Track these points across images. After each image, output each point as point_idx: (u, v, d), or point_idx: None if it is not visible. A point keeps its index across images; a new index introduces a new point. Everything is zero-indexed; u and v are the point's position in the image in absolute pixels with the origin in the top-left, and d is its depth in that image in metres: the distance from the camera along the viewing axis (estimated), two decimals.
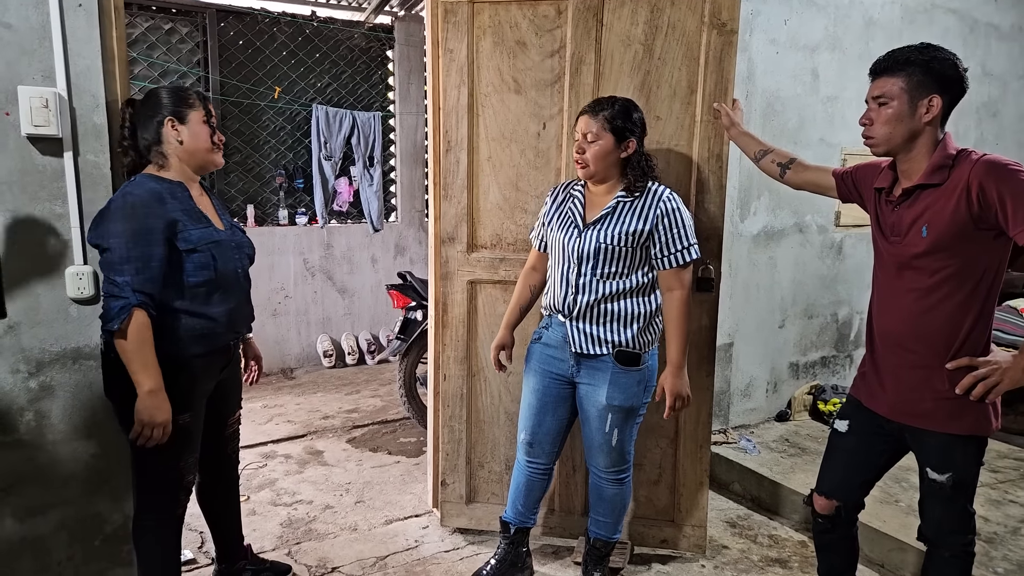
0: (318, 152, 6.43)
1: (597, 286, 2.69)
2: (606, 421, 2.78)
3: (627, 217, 2.67)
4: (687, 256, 2.68)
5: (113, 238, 2.23)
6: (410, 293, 4.88)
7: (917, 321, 2.26)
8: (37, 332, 2.48)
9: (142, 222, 2.25)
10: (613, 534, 3.00)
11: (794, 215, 4.61)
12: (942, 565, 2.40)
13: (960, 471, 2.28)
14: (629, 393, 2.74)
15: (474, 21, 3.10)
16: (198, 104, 2.44)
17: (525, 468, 3.01)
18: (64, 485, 2.59)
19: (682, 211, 2.69)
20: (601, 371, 2.74)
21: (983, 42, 5.46)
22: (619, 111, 2.65)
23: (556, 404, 2.89)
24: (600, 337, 2.71)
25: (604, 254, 2.67)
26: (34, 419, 2.52)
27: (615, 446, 2.82)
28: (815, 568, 3.18)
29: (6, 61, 2.35)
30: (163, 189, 2.36)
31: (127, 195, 2.29)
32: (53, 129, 2.40)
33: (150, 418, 2.24)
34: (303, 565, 3.21)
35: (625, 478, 2.92)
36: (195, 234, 2.38)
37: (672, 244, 2.67)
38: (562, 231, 2.77)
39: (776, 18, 4.29)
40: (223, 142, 2.53)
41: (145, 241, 2.25)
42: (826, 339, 4.99)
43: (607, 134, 2.63)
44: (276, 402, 5.52)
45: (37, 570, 2.59)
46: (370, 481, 4.15)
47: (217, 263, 2.43)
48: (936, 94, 2.14)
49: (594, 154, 2.64)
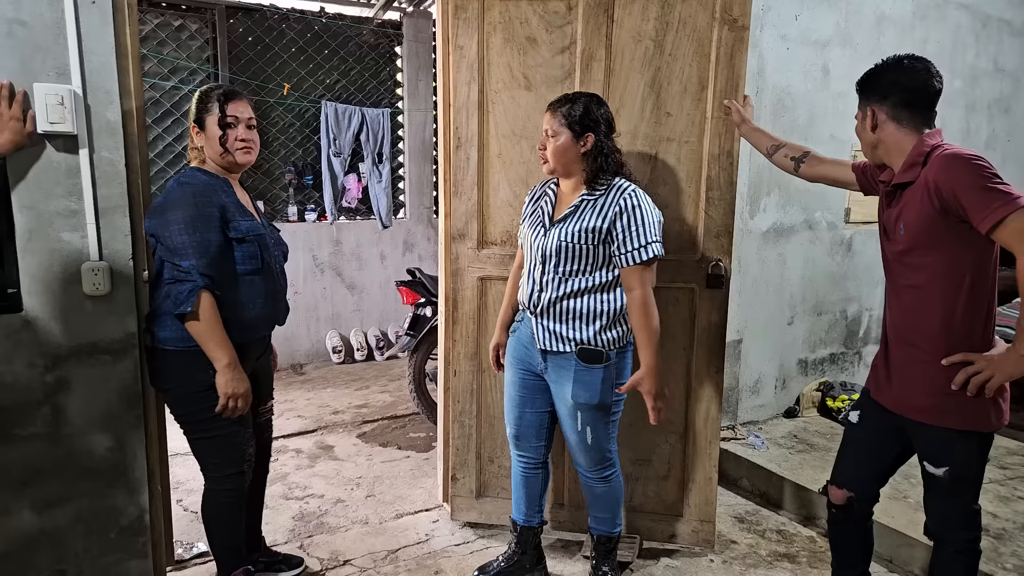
0: (327, 149, 6.45)
1: (559, 284, 2.68)
2: (576, 419, 2.77)
3: (587, 214, 2.64)
4: (644, 254, 2.59)
5: (174, 225, 2.38)
6: (419, 289, 4.90)
7: (914, 316, 2.30)
8: (53, 327, 2.50)
9: (201, 209, 2.41)
10: (614, 528, 3.00)
11: (804, 212, 4.61)
12: (947, 561, 2.41)
13: (958, 466, 2.29)
14: (594, 391, 2.70)
15: (484, 17, 3.11)
16: (215, 108, 2.50)
17: (517, 463, 3.04)
18: (80, 478, 2.61)
19: (643, 207, 2.62)
20: (566, 368, 2.73)
21: (995, 37, 5.44)
22: (577, 107, 2.64)
23: (533, 396, 2.90)
24: (563, 335, 2.70)
25: (565, 252, 2.65)
26: (51, 413, 2.54)
27: (591, 444, 2.80)
28: (824, 563, 3.20)
29: (21, 58, 2.36)
30: (212, 181, 2.52)
31: (184, 185, 2.45)
32: (68, 126, 2.41)
33: (233, 390, 2.45)
34: (315, 558, 3.23)
35: (611, 475, 2.91)
36: (244, 224, 2.51)
37: (629, 241, 2.60)
38: (532, 229, 2.79)
39: (787, 14, 4.29)
40: (247, 140, 2.56)
41: (205, 227, 2.40)
42: (835, 336, 4.99)
43: (564, 130, 2.63)
44: (286, 397, 5.55)
45: (54, 562, 2.61)
46: (380, 476, 4.17)
47: (263, 254, 2.56)
48: (871, 105, 2.30)
49: (553, 150, 2.66)
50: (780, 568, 3.23)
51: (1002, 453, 4.27)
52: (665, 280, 3.15)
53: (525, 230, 2.83)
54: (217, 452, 2.60)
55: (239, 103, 2.55)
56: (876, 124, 2.30)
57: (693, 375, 3.23)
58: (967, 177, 2.09)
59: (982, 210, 2.06)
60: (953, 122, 5.37)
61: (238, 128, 2.53)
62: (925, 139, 2.24)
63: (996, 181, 2.07)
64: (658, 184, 3.12)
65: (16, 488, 2.52)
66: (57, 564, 2.62)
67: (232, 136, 2.52)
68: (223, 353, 2.42)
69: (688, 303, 3.18)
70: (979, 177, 2.08)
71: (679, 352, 3.23)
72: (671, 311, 3.19)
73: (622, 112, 3.09)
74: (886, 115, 2.28)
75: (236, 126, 2.53)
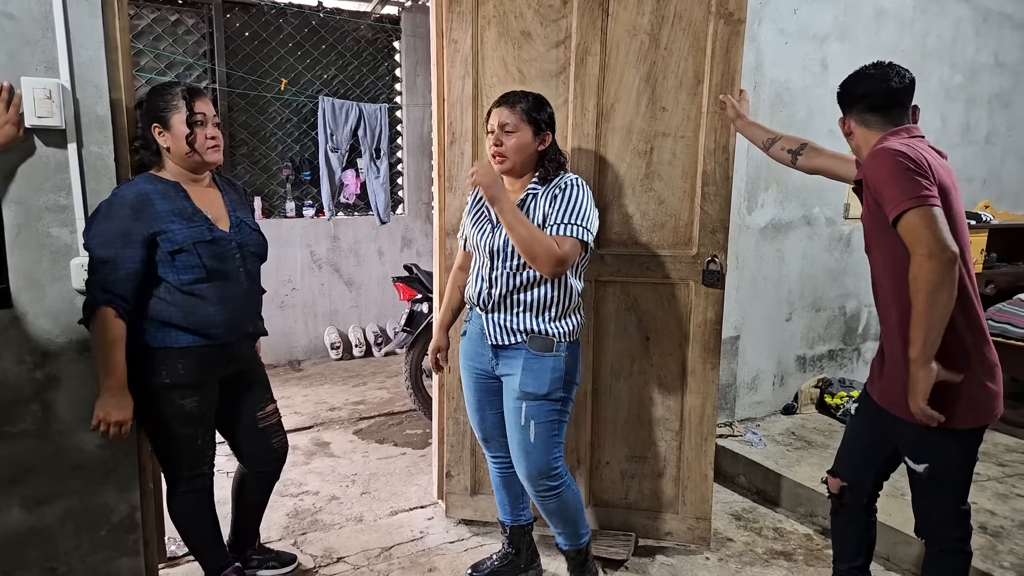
0: (324, 144, 6.42)
1: (508, 279, 2.64)
2: (520, 412, 2.68)
3: (532, 207, 2.62)
4: (563, 230, 2.51)
5: (92, 239, 2.33)
6: (416, 285, 4.88)
7: (881, 311, 2.38)
8: (43, 323, 2.48)
9: (120, 223, 2.33)
10: (579, 540, 2.90)
11: (802, 207, 4.59)
12: (934, 560, 2.41)
13: (938, 463, 2.29)
14: (542, 380, 2.65)
15: (479, 11, 3.08)
16: (182, 106, 2.42)
17: (492, 464, 3.02)
18: (70, 475, 2.60)
19: (580, 194, 2.59)
20: (515, 359, 2.69)
21: (996, 32, 5.42)
22: (534, 104, 2.61)
23: (489, 398, 2.87)
24: (513, 327, 2.67)
25: (513, 246, 2.59)
26: (40, 410, 2.52)
27: (534, 443, 2.68)
28: (820, 561, 3.19)
29: (8, 52, 2.34)
30: (153, 190, 2.42)
31: (113, 197, 2.38)
32: (56, 120, 2.38)
33: (106, 415, 2.34)
34: (309, 555, 3.22)
35: (559, 487, 2.75)
36: (181, 234, 2.41)
37: (554, 215, 2.54)
38: (477, 227, 2.74)
39: (785, 7, 4.26)
40: (216, 138, 2.49)
41: (121, 243, 2.32)
42: (833, 332, 4.97)
43: (525, 126, 2.59)
44: (283, 394, 5.53)
45: (44, 560, 2.59)
46: (376, 472, 4.16)
47: (206, 262, 2.45)
48: (844, 116, 2.45)
49: (513, 146, 2.59)
50: (776, 566, 3.21)
51: (1000, 450, 4.25)
52: (660, 276, 3.14)
53: (470, 230, 2.78)
54: (173, 454, 2.57)
55: (204, 100, 2.47)
56: (850, 131, 2.43)
57: (689, 372, 3.21)
58: (884, 169, 2.14)
59: (889, 202, 2.11)
60: (953, 117, 5.35)
61: (207, 127, 2.46)
62: (885, 137, 2.29)
63: (912, 175, 2.09)
64: (653, 179, 3.10)
65: (5, 486, 2.50)
66: (47, 562, 2.60)
67: (201, 135, 2.44)
68: (104, 373, 2.33)
69: (684, 300, 3.16)
70: (895, 170, 2.11)
71: (675, 348, 3.21)
72: (666, 307, 3.17)
73: (617, 107, 3.07)
74: (855, 122, 2.40)
75: (205, 124, 2.45)
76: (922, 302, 2.05)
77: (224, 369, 2.63)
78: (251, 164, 6.33)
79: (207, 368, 2.54)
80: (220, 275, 2.51)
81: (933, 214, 2.04)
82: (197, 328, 2.47)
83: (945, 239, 2.02)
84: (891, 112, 2.32)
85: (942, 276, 2.02)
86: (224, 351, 2.59)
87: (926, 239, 2.03)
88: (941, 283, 2.02)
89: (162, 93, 2.45)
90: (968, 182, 5.50)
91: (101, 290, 2.31)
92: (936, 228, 2.03)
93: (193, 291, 2.45)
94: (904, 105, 2.34)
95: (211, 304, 2.49)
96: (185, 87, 2.47)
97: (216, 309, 2.50)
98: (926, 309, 2.05)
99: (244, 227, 2.64)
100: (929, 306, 2.04)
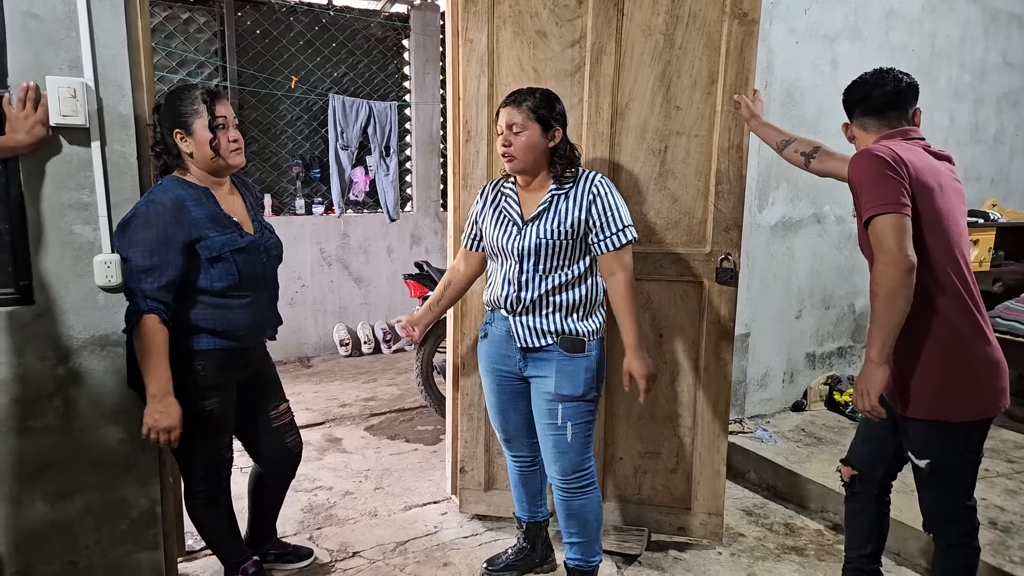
0: (334, 142, 6.45)
1: (540, 282, 2.64)
2: (557, 414, 2.68)
3: (563, 209, 2.61)
4: (623, 238, 2.60)
5: (133, 247, 2.31)
6: (427, 283, 4.90)
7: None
8: (65, 319, 2.51)
9: (162, 231, 2.32)
10: (592, 557, 2.84)
11: (812, 205, 4.61)
12: (942, 555, 2.44)
13: (939, 458, 2.32)
14: (577, 381, 2.66)
15: (494, 11, 3.10)
16: (203, 110, 2.39)
17: (512, 463, 3.02)
18: (91, 470, 2.63)
19: (613, 193, 2.64)
20: (547, 361, 2.68)
21: (1004, 31, 5.43)
22: (541, 100, 2.60)
23: (514, 399, 2.86)
24: (543, 329, 2.66)
25: (545, 249, 2.61)
26: (62, 405, 2.55)
27: (571, 443, 2.70)
28: (831, 556, 3.21)
29: (33, 51, 2.37)
30: (187, 195, 2.41)
31: (151, 203, 2.35)
32: (80, 119, 2.41)
33: (154, 422, 2.32)
34: (325, 549, 3.25)
35: (588, 487, 2.76)
36: (218, 241, 2.41)
37: (607, 227, 2.59)
38: (499, 230, 2.71)
39: (796, 7, 4.28)
40: (238, 140, 2.48)
41: (164, 250, 2.31)
42: (843, 330, 4.99)
43: (533, 124, 2.57)
44: (294, 390, 5.55)
45: (65, 553, 2.63)
46: (389, 468, 4.19)
47: (240, 269, 2.46)
48: (847, 122, 2.53)
49: (521, 145, 2.58)
50: (788, 561, 3.24)
51: (1009, 447, 4.27)
52: (674, 274, 3.16)
53: (491, 231, 2.74)
54: (192, 455, 2.57)
55: (223, 102, 2.44)
56: (852, 136, 2.52)
57: (702, 369, 3.23)
58: (863, 171, 2.21)
59: (863, 205, 2.19)
60: (962, 116, 5.36)
61: (228, 130, 2.44)
62: (879, 140, 2.36)
63: (887, 179, 2.15)
64: (667, 178, 3.12)
65: (28, 480, 2.54)
66: (68, 555, 2.63)
67: (224, 138, 2.42)
68: (152, 382, 2.31)
69: (697, 297, 3.19)
70: (873, 172, 2.18)
71: (688, 346, 3.23)
72: (680, 305, 3.20)
73: (632, 106, 3.09)
74: (856, 127, 2.49)
75: (226, 127, 2.43)
76: (881, 306, 2.15)
77: (243, 371, 2.65)
78: (262, 162, 6.35)
79: (228, 370, 2.55)
80: (251, 280, 2.52)
81: (899, 223, 2.12)
82: (224, 331, 2.47)
83: (906, 248, 2.11)
84: (888, 115, 2.39)
85: (901, 283, 2.11)
86: (245, 354, 2.61)
87: (888, 247, 2.12)
88: (899, 289, 2.11)
89: (182, 97, 2.41)
90: (976, 181, 5.53)
91: (145, 298, 2.29)
92: (900, 237, 2.11)
93: (226, 296, 2.46)
94: (901, 108, 2.40)
95: (240, 309, 2.50)
96: (204, 90, 2.44)
97: (244, 313, 2.51)
98: (884, 313, 2.14)
99: (265, 231, 2.66)
100: (886, 311, 2.14)
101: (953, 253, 2.25)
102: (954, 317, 2.24)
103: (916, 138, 2.36)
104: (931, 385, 2.26)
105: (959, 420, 2.27)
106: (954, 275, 2.24)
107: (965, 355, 2.25)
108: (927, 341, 2.25)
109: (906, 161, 2.19)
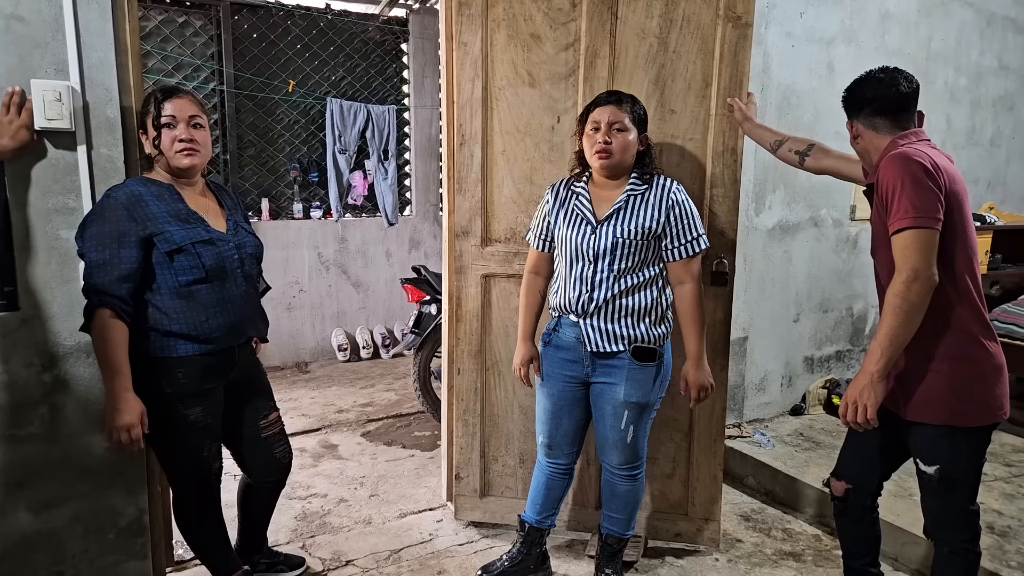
0: (332, 146, 6.44)
1: (613, 282, 2.65)
2: (622, 418, 2.74)
3: (640, 210, 2.65)
4: (696, 247, 2.68)
5: (87, 243, 2.28)
6: (424, 287, 4.88)
7: None
8: (51, 326, 2.49)
9: (115, 225, 2.27)
10: (626, 530, 2.96)
11: (809, 209, 4.58)
12: (943, 561, 2.41)
13: (948, 464, 2.30)
14: (646, 389, 2.72)
15: (488, 14, 3.08)
16: (151, 107, 2.37)
17: (546, 468, 2.98)
18: (78, 479, 2.60)
19: (690, 202, 2.71)
20: (618, 368, 2.71)
21: (1000, 35, 5.41)
22: (639, 104, 2.69)
23: (572, 407, 2.86)
24: (616, 333, 2.68)
25: (620, 249, 2.64)
26: (48, 413, 2.52)
27: (630, 443, 2.79)
28: (829, 561, 3.19)
29: (19, 54, 2.34)
30: (147, 192, 2.36)
31: (105, 198, 2.33)
32: (66, 123, 2.39)
33: (112, 421, 2.27)
34: (317, 558, 3.22)
35: (638, 474, 2.89)
36: (179, 235, 2.36)
37: (683, 235, 2.67)
38: (573, 229, 2.72)
39: (792, 11, 4.26)
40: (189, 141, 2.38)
41: (116, 244, 2.27)
42: (841, 333, 4.96)
43: (633, 127, 2.64)
44: (290, 396, 5.54)
45: (52, 563, 2.59)
46: (384, 475, 4.16)
47: (204, 262, 2.40)
48: (851, 119, 2.45)
49: (621, 144, 2.62)
50: (785, 567, 3.21)
51: (1007, 450, 4.24)
52: None
53: (564, 231, 2.74)
54: (179, 465, 2.54)
55: (179, 100, 2.38)
56: (857, 134, 2.44)
57: None
58: (897, 178, 2.15)
59: (893, 214, 2.15)
60: (958, 119, 5.34)
61: (176, 128, 2.36)
62: (896, 141, 2.31)
63: (926, 191, 2.11)
64: None
65: (13, 489, 2.50)
66: (55, 565, 2.60)
67: (168, 137, 2.36)
68: (107, 378, 2.27)
69: None
70: (907, 181, 2.13)
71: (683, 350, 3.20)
72: None
73: None
74: (863, 125, 2.41)
75: (174, 126, 2.36)
76: (898, 320, 2.12)
77: (227, 376, 2.59)
78: (259, 166, 6.34)
79: (209, 376, 2.49)
80: (219, 276, 2.45)
81: (931, 239, 2.10)
82: (197, 334, 2.41)
83: (932, 266, 2.10)
84: (900, 116, 2.35)
85: (923, 300, 2.10)
86: (225, 357, 2.54)
87: (915, 263, 2.10)
88: (920, 307, 2.11)
89: (147, 97, 2.42)
90: (973, 184, 5.49)
91: (96, 291, 2.24)
92: (929, 253, 2.10)
93: (191, 293, 2.39)
94: (911, 110, 2.37)
95: (210, 307, 2.43)
96: (159, 88, 2.42)
97: (215, 312, 2.45)
98: (900, 328, 2.13)
99: (241, 230, 2.61)
100: (903, 326, 2.12)
101: (971, 261, 2.25)
102: (970, 323, 2.23)
103: (926, 139, 2.33)
104: (944, 389, 2.24)
105: (971, 424, 2.25)
106: (971, 282, 2.25)
107: (978, 360, 2.24)
108: (942, 346, 2.23)
109: (943, 169, 2.17)
